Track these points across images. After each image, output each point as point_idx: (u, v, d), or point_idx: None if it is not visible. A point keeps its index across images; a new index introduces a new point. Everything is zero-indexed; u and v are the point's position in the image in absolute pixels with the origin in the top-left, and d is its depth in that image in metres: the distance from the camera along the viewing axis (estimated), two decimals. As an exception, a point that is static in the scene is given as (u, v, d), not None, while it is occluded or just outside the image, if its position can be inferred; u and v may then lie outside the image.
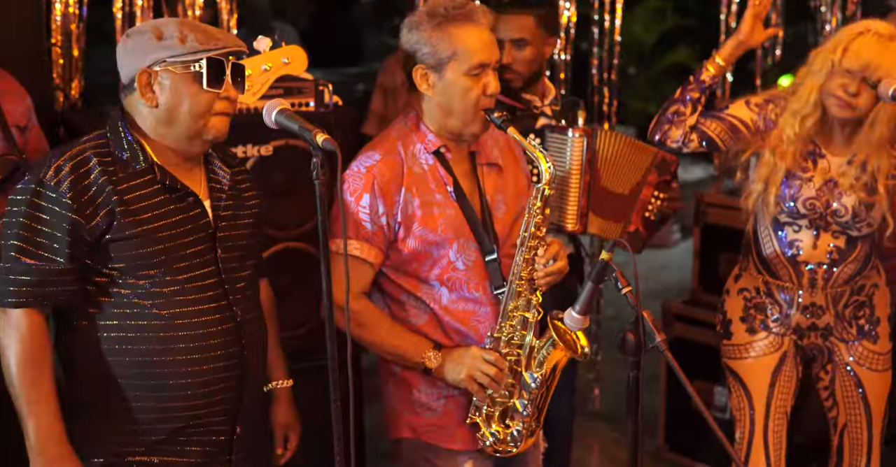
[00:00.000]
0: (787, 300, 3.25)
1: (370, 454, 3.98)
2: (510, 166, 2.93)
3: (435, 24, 2.69)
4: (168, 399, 2.42)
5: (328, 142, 2.25)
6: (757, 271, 3.29)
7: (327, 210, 2.32)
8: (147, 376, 2.40)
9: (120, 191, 2.34)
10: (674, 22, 9.46)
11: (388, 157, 2.78)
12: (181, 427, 2.44)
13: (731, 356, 3.33)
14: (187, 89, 2.36)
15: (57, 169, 2.32)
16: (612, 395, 5.05)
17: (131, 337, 2.38)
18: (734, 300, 3.35)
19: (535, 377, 2.77)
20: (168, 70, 2.35)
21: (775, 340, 3.28)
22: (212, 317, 2.44)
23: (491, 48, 2.72)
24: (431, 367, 2.76)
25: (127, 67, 2.39)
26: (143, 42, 2.36)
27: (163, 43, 2.34)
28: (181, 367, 2.40)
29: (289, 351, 3.57)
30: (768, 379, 3.27)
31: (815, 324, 3.26)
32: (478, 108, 2.72)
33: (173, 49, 2.33)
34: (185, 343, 2.40)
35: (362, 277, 2.79)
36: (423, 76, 2.74)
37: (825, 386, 3.35)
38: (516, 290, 2.75)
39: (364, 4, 10.34)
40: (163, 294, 2.38)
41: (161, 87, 2.36)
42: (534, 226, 2.73)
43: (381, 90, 5.25)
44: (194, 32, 2.35)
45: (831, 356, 3.31)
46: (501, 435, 2.81)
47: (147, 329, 2.38)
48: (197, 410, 2.45)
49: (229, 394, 2.49)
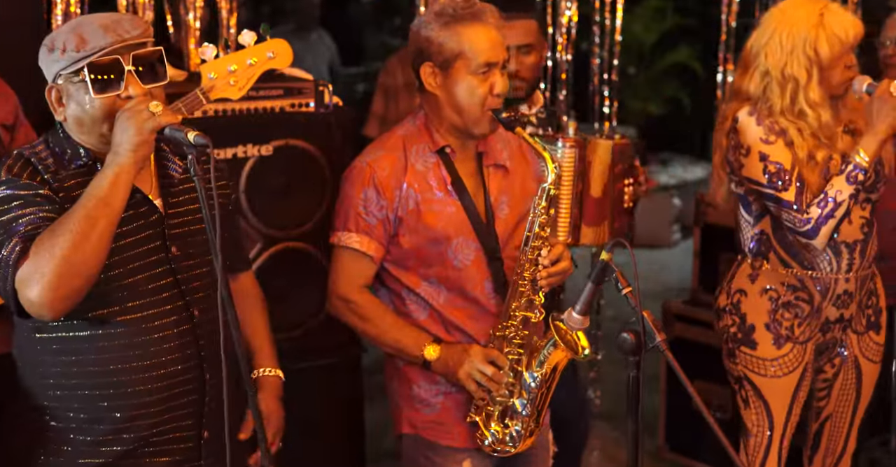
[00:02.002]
0: (823, 291, 3.16)
1: (370, 454, 3.98)
2: (518, 169, 2.93)
3: (443, 23, 2.71)
4: (128, 407, 2.32)
5: (199, 137, 2.17)
6: (784, 265, 3.18)
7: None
8: (104, 385, 2.30)
9: (66, 188, 2.28)
10: (674, 22, 9.45)
11: (390, 153, 2.79)
12: (145, 435, 2.35)
13: (753, 369, 3.22)
14: (82, 99, 2.26)
15: (8, 168, 2.27)
16: (612, 395, 5.05)
17: (84, 344, 2.29)
18: (757, 302, 3.21)
19: (535, 376, 2.77)
20: (66, 82, 2.27)
21: (799, 352, 3.19)
22: (168, 319, 2.34)
23: (499, 48, 2.73)
24: (431, 360, 2.76)
25: None
26: (43, 56, 2.29)
27: (52, 56, 2.26)
28: (138, 373, 2.31)
29: (288, 351, 3.59)
30: (790, 398, 3.22)
31: (842, 315, 3.21)
32: (485, 108, 2.73)
33: (59, 62, 2.25)
34: (140, 348, 2.31)
35: (364, 270, 2.81)
36: (431, 74, 2.75)
37: (826, 378, 3.32)
38: (519, 290, 2.75)
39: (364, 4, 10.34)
40: (115, 297, 2.29)
41: (67, 101, 2.29)
42: (538, 227, 2.74)
43: (381, 91, 5.25)
44: (73, 39, 2.23)
45: (842, 349, 3.28)
46: (500, 434, 2.81)
47: (101, 337, 2.30)
48: (159, 417, 2.36)
49: (192, 397, 2.39)
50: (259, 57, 2.78)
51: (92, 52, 2.22)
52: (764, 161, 3.07)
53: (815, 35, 3.01)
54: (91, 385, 2.31)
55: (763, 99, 3.09)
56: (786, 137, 3.06)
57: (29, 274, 2.14)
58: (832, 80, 3.06)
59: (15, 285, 2.16)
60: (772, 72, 3.07)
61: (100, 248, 2.17)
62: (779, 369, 3.19)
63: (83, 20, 2.31)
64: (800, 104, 3.05)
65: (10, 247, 2.17)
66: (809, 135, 3.07)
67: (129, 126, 2.19)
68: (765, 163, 3.07)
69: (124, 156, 2.19)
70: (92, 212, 2.16)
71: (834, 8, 3.05)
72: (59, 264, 2.13)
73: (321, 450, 3.63)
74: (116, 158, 2.20)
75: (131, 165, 2.20)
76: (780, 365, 3.19)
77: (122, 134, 2.20)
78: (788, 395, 3.22)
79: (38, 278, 2.13)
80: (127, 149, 2.19)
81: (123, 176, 2.19)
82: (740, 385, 3.26)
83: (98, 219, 2.16)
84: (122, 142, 2.20)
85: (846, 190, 3.02)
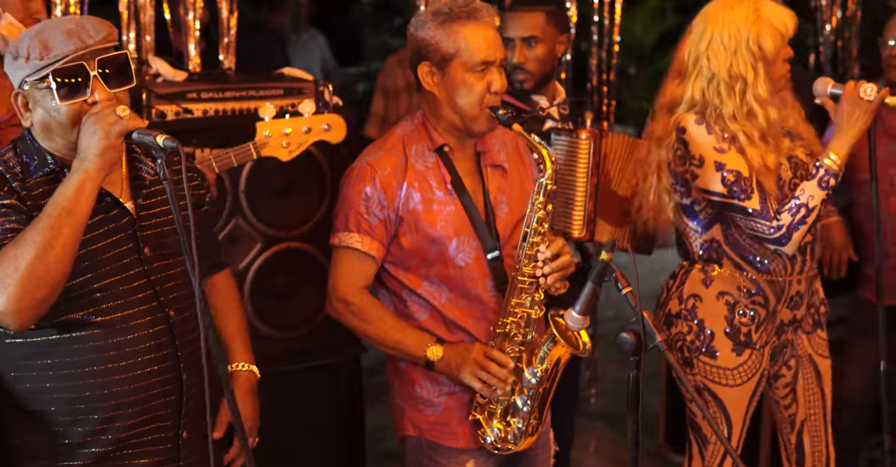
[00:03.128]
0: (777, 293, 3.15)
1: (371, 455, 3.98)
2: (517, 170, 2.93)
3: (439, 22, 2.72)
4: (105, 409, 2.31)
5: (168, 140, 2.16)
6: (738, 269, 3.14)
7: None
8: (80, 388, 2.29)
9: (34, 197, 2.25)
10: (674, 22, 9.45)
11: (391, 153, 2.80)
12: (123, 437, 2.34)
13: (714, 379, 3.16)
14: (48, 105, 2.25)
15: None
16: (612, 395, 5.06)
17: (59, 348, 2.28)
18: (714, 307, 3.15)
19: (535, 373, 2.77)
20: (32, 89, 2.25)
21: (757, 359, 3.16)
22: (143, 320, 2.33)
23: (495, 46, 2.74)
24: (434, 360, 2.77)
25: None
26: (8, 63, 2.28)
27: (17, 63, 2.25)
28: (114, 375, 2.30)
29: (288, 351, 3.59)
30: (747, 404, 3.20)
31: (795, 316, 3.21)
32: (483, 106, 2.73)
33: (24, 69, 2.24)
34: (116, 350, 2.29)
35: (364, 271, 2.81)
36: (429, 73, 2.75)
37: (786, 383, 3.29)
38: (518, 286, 2.76)
39: (364, 4, 10.34)
40: (89, 300, 2.28)
41: (33, 106, 2.28)
42: (536, 222, 2.74)
43: (381, 91, 5.26)
44: (37, 46, 2.22)
45: (794, 350, 3.26)
46: (502, 432, 2.82)
47: (76, 340, 2.29)
48: (138, 418, 2.34)
49: (170, 398, 2.38)
50: (315, 127, 2.93)
51: (56, 59, 2.21)
52: (720, 170, 3.02)
53: (756, 30, 2.99)
54: (67, 387, 2.30)
55: (711, 106, 3.04)
56: (737, 144, 3.03)
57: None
58: (774, 74, 3.05)
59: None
60: (718, 74, 3.02)
61: (63, 258, 2.17)
62: (739, 377, 3.16)
63: (45, 26, 2.29)
64: (749, 103, 3.01)
65: None
66: (759, 140, 3.03)
67: (96, 130, 2.19)
68: (722, 173, 3.01)
69: (90, 162, 2.19)
70: (55, 221, 2.16)
71: (766, 2, 3.03)
72: (23, 275, 2.13)
73: (321, 451, 3.63)
74: (83, 164, 2.20)
75: (97, 172, 2.20)
76: (740, 373, 3.16)
77: (89, 138, 2.20)
78: (745, 402, 3.20)
79: (1, 289, 2.14)
80: (93, 153, 2.19)
81: (89, 183, 2.19)
82: (702, 393, 3.20)
83: (61, 229, 2.16)
84: (88, 146, 2.20)
85: (818, 195, 2.99)
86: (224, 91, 3.44)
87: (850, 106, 2.98)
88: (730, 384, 3.17)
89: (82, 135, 2.21)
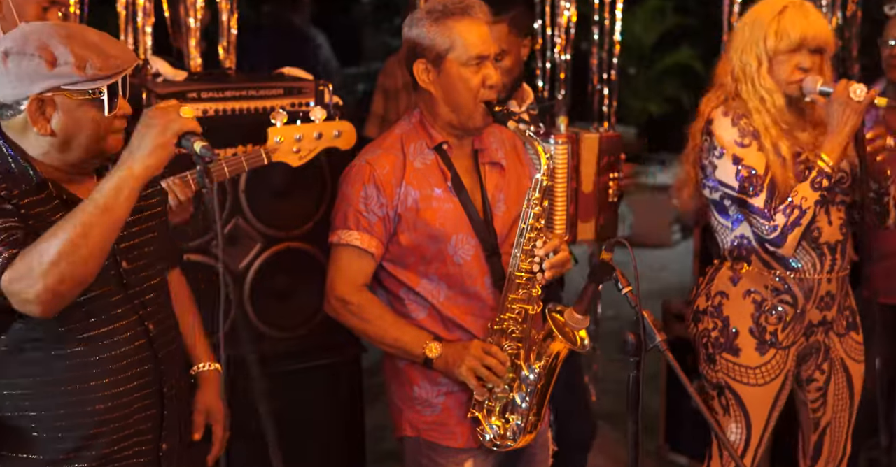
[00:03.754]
0: (806, 293, 3.14)
1: (370, 455, 3.98)
2: (514, 168, 2.94)
3: (433, 19, 2.74)
4: (88, 426, 2.28)
5: (206, 149, 2.15)
6: (767, 267, 3.15)
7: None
8: (62, 405, 2.26)
9: (25, 206, 2.18)
10: (674, 22, 9.46)
11: (389, 152, 2.81)
12: (106, 453, 2.31)
13: (735, 377, 3.18)
14: (86, 115, 2.19)
15: None
16: (613, 395, 5.06)
17: (40, 367, 2.23)
18: (740, 305, 3.16)
19: (533, 369, 2.77)
20: (64, 97, 2.17)
21: (781, 359, 3.17)
22: (124, 336, 2.29)
23: (489, 41, 2.77)
24: (432, 357, 2.77)
25: (8, 90, 2.17)
26: (32, 67, 2.14)
27: (57, 70, 2.14)
28: (97, 392, 2.26)
29: (288, 351, 3.59)
30: (770, 407, 3.21)
31: (825, 317, 3.19)
32: (478, 100, 2.75)
33: (70, 77, 2.15)
34: (98, 367, 2.26)
35: (363, 268, 2.81)
36: (424, 71, 2.77)
37: (818, 386, 3.29)
38: (515, 282, 2.76)
39: (364, 4, 10.34)
40: (70, 317, 2.21)
41: (56, 114, 2.18)
42: (532, 218, 2.74)
43: (381, 91, 5.25)
44: (93, 57, 2.17)
45: (828, 353, 3.26)
46: (501, 429, 2.82)
47: (57, 358, 2.24)
48: (120, 433, 2.32)
49: (150, 412, 2.36)
50: (326, 133, 2.94)
51: (116, 72, 2.19)
52: (737, 164, 3.06)
53: (768, 26, 3.05)
54: (49, 405, 2.26)
55: (734, 90, 3.12)
56: (759, 141, 3.06)
57: (18, 275, 2.08)
58: (780, 75, 3.06)
59: None
60: (733, 57, 3.13)
61: (91, 258, 2.10)
62: (761, 377, 3.17)
63: (70, 32, 2.22)
64: (759, 90, 3.07)
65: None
66: (772, 124, 3.07)
67: (155, 124, 2.15)
68: (738, 167, 3.06)
69: (137, 161, 2.14)
70: (87, 218, 2.10)
71: (800, 6, 3.06)
72: (47, 270, 2.07)
73: (321, 450, 3.63)
74: (128, 162, 2.14)
75: (142, 171, 2.14)
76: (763, 373, 3.17)
77: (145, 133, 2.15)
78: (769, 405, 3.20)
79: (27, 281, 2.07)
80: (144, 152, 2.14)
81: (131, 182, 2.13)
82: (720, 391, 3.23)
83: (93, 227, 2.09)
84: (140, 144, 2.15)
85: (811, 197, 3.00)
86: (224, 91, 3.43)
87: (840, 106, 2.99)
88: (751, 383, 3.18)
89: (138, 130, 2.17)
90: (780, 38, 3.04)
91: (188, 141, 2.17)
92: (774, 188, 3.04)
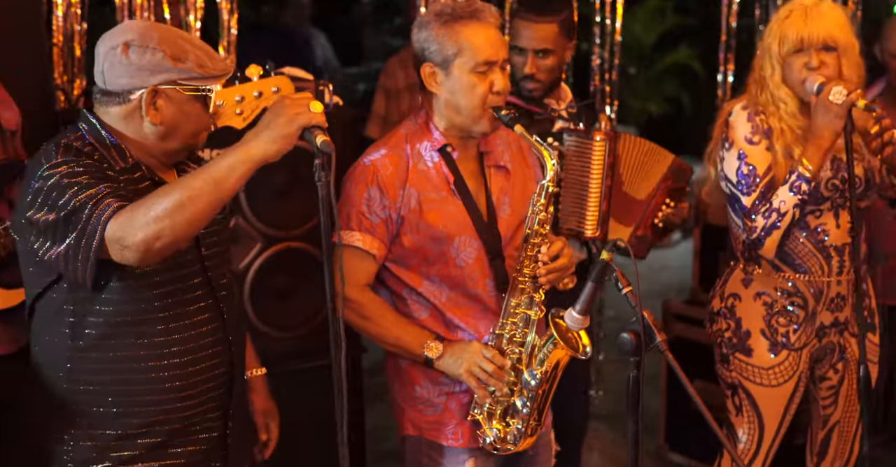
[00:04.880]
0: (816, 294, 3.15)
1: (371, 455, 3.98)
2: (519, 171, 2.93)
3: (442, 23, 2.72)
4: (162, 402, 2.39)
5: (326, 144, 2.22)
6: (776, 269, 3.16)
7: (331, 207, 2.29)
8: (141, 381, 2.37)
9: (122, 181, 2.31)
10: (674, 22, 9.46)
11: (393, 153, 2.80)
12: (177, 428, 2.43)
13: (748, 377, 3.20)
14: (193, 110, 2.36)
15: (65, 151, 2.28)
16: (613, 395, 5.06)
17: (124, 341, 2.35)
18: (751, 307, 3.19)
19: (535, 375, 2.77)
20: (177, 90, 2.33)
21: (794, 360, 3.18)
22: (202, 317, 2.43)
23: (498, 46, 2.73)
24: (433, 357, 2.77)
25: (124, 80, 2.32)
26: (157, 60, 2.30)
27: (179, 65, 2.31)
28: (175, 370, 2.38)
29: (288, 351, 3.59)
30: (783, 408, 3.21)
31: (837, 318, 3.19)
32: (485, 106, 2.73)
33: (190, 73, 2.32)
34: (179, 345, 2.38)
35: (366, 269, 2.81)
36: (431, 74, 2.76)
37: (831, 385, 3.30)
38: (519, 287, 2.76)
39: (364, 4, 10.34)
40: (154, 295, 2.35)
41: (166, 106, 2.33)
42: (537, 223, 2.74)
43: (382, 92, 5.25)
44: (205, 58, 2.34)
45: (843, 353, 3.26)
46: (501, 433, 2.82)
47: (141, 335, 2.35)
48: (191, 411, 2.44)
49: (221, 391, 2.49)
50: (265, 90, 2.88)
51: (223, 74, 2.38)
52: (741, 160, 3.08)
53: (774, 32, 3.07)
54: (127, 380, 2.37)
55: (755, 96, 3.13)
56: (770, 140, 3.07)
57: (124, 223, 2.16)
58: (792, 78, 3.06)
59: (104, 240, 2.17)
60: (755, 65, 3.15)
61: (193, 221, 2.18)
62: (774, 378, 3.18)
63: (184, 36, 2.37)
64: (774, 97, 3.08)
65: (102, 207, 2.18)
66: (788, 129, 3.07)
67: (283, 113, 2.22)
68: (740, 163, 3.08)
69: (258, 145, 2.21)
70: (199, 185, 2.17)
71: (805, 8, 3.05)
72: (150, 223, 2.14)
73: (321, 450, 3.63)
74: (250, 144, 2.21)
75: (260, 156, 2.21)
76: (776, 374, 3.18)
77: (274, 119, 2.22)
78: (782, 406, 3.21)
79: (130, 230, 2.15)
80: (267, 138, 2.21)
81: (247, 164, 2.20)
82: (734, 391, 3.24)
83: (201, 196, 2.17)
84: (266, 129, 2.22)
85: (789, 200, 3.00)
86: (224, 91, 3.43)
87: (823, 110, 2.96)
88: (764, 383, 3.19)
89: (267, 115, 2.26)
90: (782, 43, 3.05)
91: (311, 134, 2.24)
92: (769, 191, 3.04)
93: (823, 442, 3.35)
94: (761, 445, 3.23)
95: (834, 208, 3.11)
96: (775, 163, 3.06)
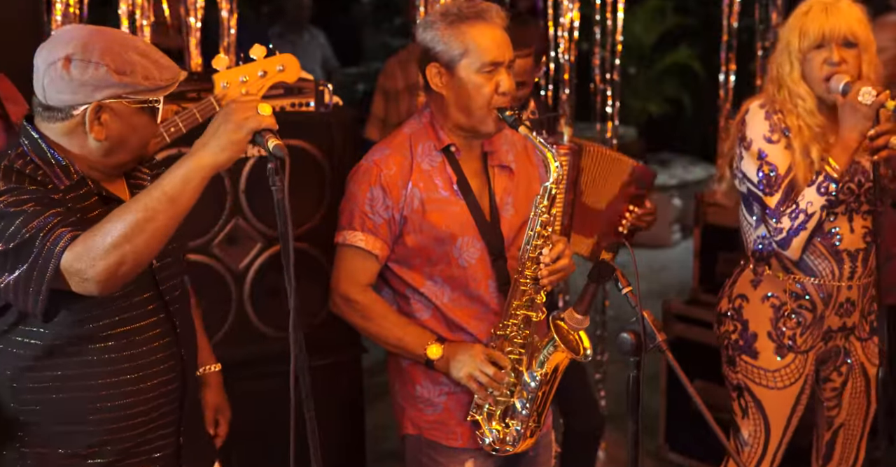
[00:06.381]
0: (825, 298, 3.13)
1: (371, 454, 3.98)
2: (523, 171, 2.93)
3: (448, 23, 2.71)
4: (113, 420, 2.32)
5: (279, 148, 2.13)
6: (785, 271, 3.14)
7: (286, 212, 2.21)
8: (90, 399, 2.29)
9: (69, 201, 2.21)
10: (674, 22, 9.45)
11: (397, 153, 2.80)
12: (128, 447, 2.35)
13: (754, 379, 3.19)
14: (140, 122, 2.25)
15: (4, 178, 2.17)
16: (614, 395, 5.05)
17: (72, 359, 2.27)
18: (759, 309, 3.17)
19: (535, 376, 2.77)
20: (122, 103, 2.20)
21: (801, 363, 3.17)
22: (154, 332, 2.34)
23: (504, 47, 2.73)
24: (433, 358, 2.77)
25: (66, 96, 2.19)
26: (100, 75, 2.17)
27: (124, 79, 2.18)
28: (125, 387, 2.31)
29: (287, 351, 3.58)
30: (789, 411, 3.20)
31: (844, 323, 3.18)
32: (490, 107, 2.73)
33: (135, 86, 2.20)
34: (129, 362, 2.30)
35: (368, 269, 2.81)
36: (437, 74, 2.75)
37: (834, 387, 3.30)
38: (520, 289, 2.75)
39: (364, 4, 10.34)
40: (103, 312, 2.26)
41: (111, 120, 2.21)
42: (539, 225, 2.74)
43: (381, 93, 5.24)
44: (152, 67, 2.22)
45: (847, 356, 3.25)
46: (501, 434, 2.82)
47: (89, 352, 2.28)
48: (143, 427, 2.36)
49: (173, 406, 2.41)
50: (269, 69, 2.87)
51: (172, 83, 2.25)
52: (761, 159, 3.06)
53: (794, 28, 3.05)
54: (73, 398, 2.29)
55: (773, 94, 3.11)
56: (788, 138, 3.05)
57: (80, 255, 2.07)
58: (812, 74, 3.05)
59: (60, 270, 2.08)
60: (772, 63, 3.13)
61: (152, 243, 2.10)
62: (780, 381, 3.17)
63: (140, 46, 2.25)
64: (792, 94, 3.06)
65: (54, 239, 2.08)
66: (806, 126, 3.05)
67: (230, 119, 2.13)
68: (761, 162, 3.06)
69: (208, 153, 2.13)
70: (153, 204, 2.09)
71: (826, 4, 3.03)
72: (108, 250, 2.07)
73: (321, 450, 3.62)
74: (199, 152, 2.13)
75: (211, 164, 2.13)
76: (782, 376, 3.17)
77: (219, 126, 2.14)
78: (788, 408, 3.20)
79: (88, 260, 2.07)
80: (216, 145, 2.13)
81: (200, 173, 2.12)
82: (739, 393, 3.24)
83: (157, 214, 2.09)
84: (213, 136, 2.14)
85: (817, 201, 2.99)
86: (224, 90, 3.43)
87: (850, 110, 2.95)
88: (770, 386, 3.18)
89: (214, 123, 2.16)
90: (803, 38, 3.02)
91: (262, 138, 2.16)
92: (792, 190, 3.03)
93: (829, 444, 3.35)
94: (767, 447, 3.22)
95: (848, 212, 3.10)
96: (795, 162, 3.04)
